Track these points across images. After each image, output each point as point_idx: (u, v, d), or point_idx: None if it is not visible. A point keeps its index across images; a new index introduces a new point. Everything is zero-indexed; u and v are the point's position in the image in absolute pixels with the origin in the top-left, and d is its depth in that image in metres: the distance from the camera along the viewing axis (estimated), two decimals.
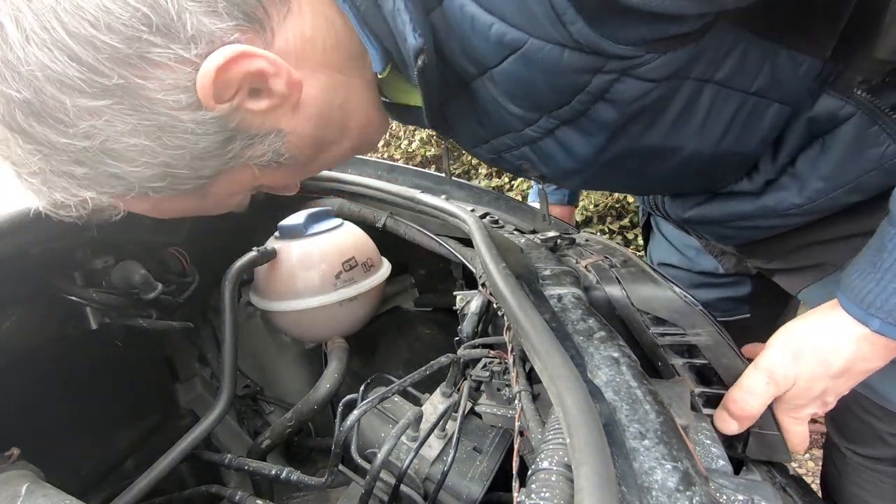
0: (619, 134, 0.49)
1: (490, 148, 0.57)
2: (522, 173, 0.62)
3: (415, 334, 1.06)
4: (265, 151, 0.45)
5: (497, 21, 0.40)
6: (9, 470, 0.50)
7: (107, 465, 0.80)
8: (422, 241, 0.84)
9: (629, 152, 0.52)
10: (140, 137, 0.39)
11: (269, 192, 0.57)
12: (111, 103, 0.37)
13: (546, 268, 0.63)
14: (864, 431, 0.65)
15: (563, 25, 0.38)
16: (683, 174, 0.57)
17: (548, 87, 0.45)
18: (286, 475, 0.65)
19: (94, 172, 0.40)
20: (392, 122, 0.62)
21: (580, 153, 0.52)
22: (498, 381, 0.58)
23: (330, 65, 0.46)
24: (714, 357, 0.54)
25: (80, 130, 0.37)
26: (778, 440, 0.51)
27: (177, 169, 0.42)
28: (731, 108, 0.49)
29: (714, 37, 0.44)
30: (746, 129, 0.51)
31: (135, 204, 0.46)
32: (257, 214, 0.99)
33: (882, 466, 0.65)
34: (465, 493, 0.53)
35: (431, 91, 0.48)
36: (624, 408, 0.38)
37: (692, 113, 0.49)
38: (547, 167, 0.56)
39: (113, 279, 0.67)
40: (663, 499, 0.31)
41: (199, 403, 0.97)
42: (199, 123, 0.40)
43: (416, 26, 0.41)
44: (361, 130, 0.53)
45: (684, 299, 0.56)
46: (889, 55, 0.45)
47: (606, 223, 2.52)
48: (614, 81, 0.43)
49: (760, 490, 0.36)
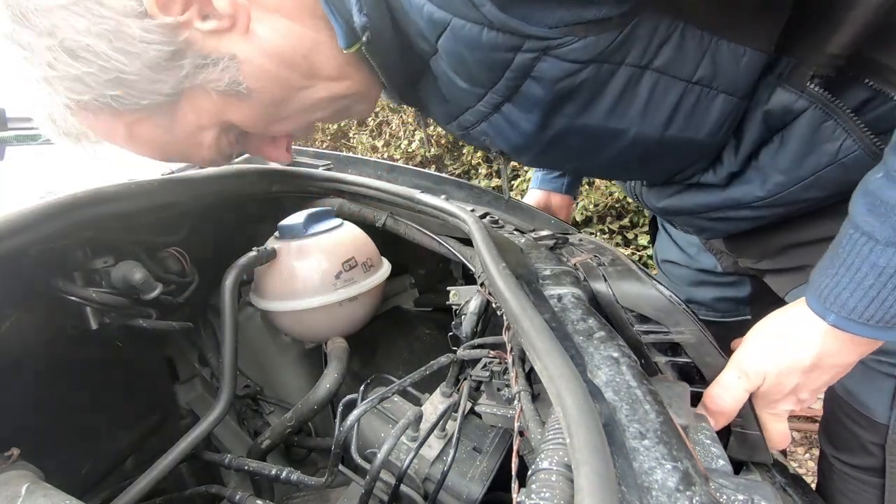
0: (554, 112, 0.51)
1: (458, 124, 0.61)
2: (487, 149, 0.65)
3: (415, 334, 1.06)
4: (221, 77, 0.49)
5: (426, 2, 0.44)
6: (9, 470, 0.50)
7: (107, 465, 0.80)
8: (422, 241, 0.84)
9: (569, 131, 0.54)
10: (93, 38, 0.43)
11: (250, 150, 0.61)
12: (66, 3, 0.42)
13: (546, 268, 0.63)
14: (850, 440, 0.66)
15: (475, 6, 0.42)
16: (631, 158, 0.58)
17: (478, 63, 0.48)
18: (286, 475, 0.65)
19: (60, 74, 0.44)
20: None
21: (524, 129, 0.54)
22: (498, 381, 0.58)
23: (290, 13, 0.49)
24: (697, 355, 0.54)
25: (43, 28, 0.42)
26: (758, 440, 0.51)
27: (130, 76, 0.46)
28: (674, 95, 0.50)
29: (645, 25, 0.45)
30: (693, 117, 0.52)
31: (107, 124, 0.51)
32: (257, 214, 1.00)
33: (866, 476, 0.65)
34: (465, 493, 0.53)
35: (388, 67, 0.53)
36: (624, 408, 0.38)
37: (632, 98, 0.50)
38: (502, 142, 0.60)
39: (113, 279, 0.67)
40: (663, 499, 0.31)
41: (199, 403, 0.97)
42: (147, 31, 0.44)
43: (363, 6, 0.45)
44: (334, 84, 0.55)
45: (669, 298, 0.56)
46: (840, 49, 0.46)
47: (606, 223, 2.52)
48: (536, 60, 0.46)
49: (760, 490, 0.36)
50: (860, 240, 0.43)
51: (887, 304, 0.43)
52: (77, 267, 0.66)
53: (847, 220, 0.45)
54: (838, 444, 0.68)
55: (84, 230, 0.62)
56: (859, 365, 0.59)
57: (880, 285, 0.42)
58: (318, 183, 0.97)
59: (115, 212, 0.63)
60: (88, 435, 0.78)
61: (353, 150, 3.06)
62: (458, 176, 2.69)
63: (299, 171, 0.99)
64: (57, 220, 0.56)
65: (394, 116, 2.76)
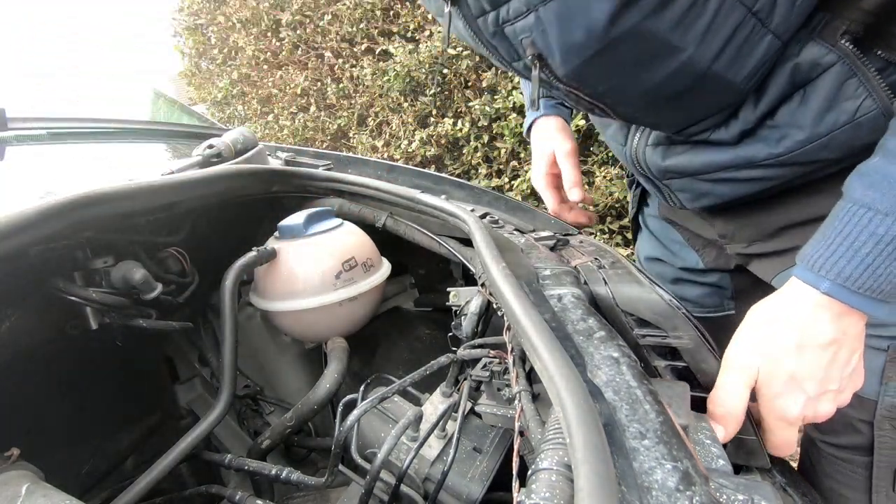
0: (630, 4, 0.48)
1: (496, 18, 0.56)
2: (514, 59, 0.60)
3: (415, 334, 1.06)
4: None
5: None
6: (9, 470, 0.50)
7: (107, 465, 0.80)
8: (421, 241, 0.84)
9: (633, 34, 0.51)
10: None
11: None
12: None
13: (546, 268, 0.63)
14: (837, 419, 0.64)
15: None
16: (669, 90, 0.57)
17: None
18: (286, 475, 0.65)
19: None
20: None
21: (592, 18, 0.50)
22: (498, 381, 0.58)
23: None
24: (693, 361, 0.54)
25: None
26: (755, 445, 0.51)
27: None
28: (733, 21, 0.50)
29: None
30: (740, 54, 0.53)
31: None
32: (257, 214, 1.00)
33: (855, 456, 0.64)
34: (465, 493, 0.53)
35: None
36: (624, 408, 0.38)
37: (701, 12, 0.50)
38: (551, 40, 0.54)
39: (113, 279, 0.67)
40: (663, 499, 0.31)
41: (199, 403, 0.97)
42: None
43: None
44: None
45: (668, 303, 0.56)
46: (873, 6, 0.48)
47: (606, 223, 2.52)
48: None
49: (760, 490, 0.36)
50: (859, 211, 0.45)
51: (883, 275, 0.43)
52: (77, 267, 0.66)
53: (842, 200, 0.47)
54: (824, 426, 0.67)
55: (84, 230, 0.62)
56: None
57: (877, 253, 0.43)
58: (317, 183, 0.97)
59: (115, 212, 0.63)
60: (88, 435, 0.78)
61: (353, 150, 3.06)
62: (458, 176, 2.69)
63: (299, 171, 0.99)
64: (57, 220, 0.56)
65: (394, 116, 2.76)
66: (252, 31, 3.45)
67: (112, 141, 1.28)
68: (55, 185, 0.79)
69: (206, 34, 3.97)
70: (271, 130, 3.45)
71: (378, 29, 2.88)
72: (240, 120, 3.83)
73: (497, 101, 2.46)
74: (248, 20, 3.44)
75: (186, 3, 3.98)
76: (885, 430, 0.60)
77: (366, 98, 2.94)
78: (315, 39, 3.15)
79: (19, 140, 1.13)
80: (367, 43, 2.92)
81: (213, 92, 3.94)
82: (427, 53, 2.56)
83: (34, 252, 0.58)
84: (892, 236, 0.43)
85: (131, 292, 0.68)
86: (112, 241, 0.68)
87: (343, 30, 2.95)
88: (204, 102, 4.08)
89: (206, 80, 4.12)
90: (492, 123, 2.52)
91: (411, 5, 2.76)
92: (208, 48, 3.97)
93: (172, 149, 1.32)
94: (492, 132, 2.56)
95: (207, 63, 4.12)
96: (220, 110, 3.99)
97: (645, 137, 0.71)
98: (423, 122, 2.72)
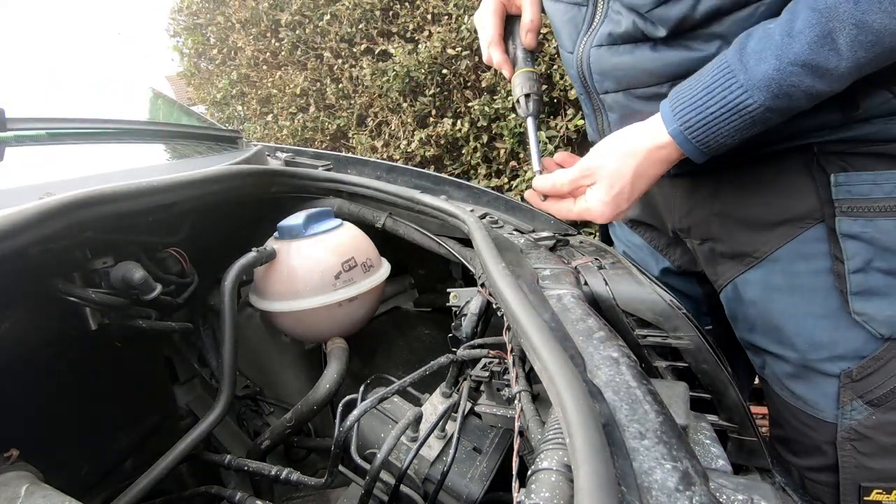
0: None
1: None
2: None
3: (414, 334, 1.06)
4: None
5: None
6: (8, 471, 0.50)
7: (107, 465, 0.80)
8: (421, 242, 0.84)
9: None
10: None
11: None
12: None
13: (546, 268, 0.63)
14: (805, 443, 0.69)
15: None
16: None
17: None
18: (286, 476, 0.65)
19: None
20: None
21: None
22: (498, 382, 0.58)
23: None
24: (694, 362, 0.54)
25: None
26: (756, 445, 0.51)
27: None
28: None
29: None
30: None
31: None
32: (257, 214, 1.00)
33: (823, 476, 0.68)
34: (465, 493, 0.53)
35: None
36: (624, 408, 0.39)
37: None
38: None
39: (112, 279, 0.67)
40: (663, 499, 0.31)
41: (198, 404, 0.97)
42: None
43: None
44: None
45: (669, 303, 0.56)
46: None
47: None
48: None
49: (760, 490, 0.36)
50: (728, 74, 0.52)
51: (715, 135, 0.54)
52: (77, 267, 0.66)
53: (725, 53, 0.53)
54: (795, 449, 0.71)
55: (84, 230, 0.61)
56: (803, 370, 0.64)
57: (720, 115, 0.52)
58: (317, 183, 0.97)
59: (115, 212, 0.63)
60: (88, 435, 0.78)
61: (353, 150, 3.06)
62: (457, 176, 2.69)
63: (299, 171, 0.99)
64: (57, 221, 0.55)
65: (393, 117, 2.76)
66: (251, 32, 3.45)
67: (112, 141, 1.28)
68: (55, 186, 0.79)
69: (206, 34, 3.97)
70: (270, 131, 3.45)
71: (377, 29, 2.87)
72: (239, 120, 3.83)
73: (496, 102, 2.46)
74: (247, 20, 3.43)
75: (186, 3, 3.97)
76: (847, 451, 0.64)
77: (365, 98, 2.93)
78: (314, 40, 3.15)
79: (19, 140, 1.13)
80: (367, 43, 2.92)
81: (212, 92, 3.94)
82: (426, 54, 2.56)
83: (34, 252, 0.57)
84: (737, 107, 0.51)
85: (131, 293, 0.68)
86: (112, 241, 0.68)
87: (342, 30, 2.95)
88: (203, 103, 4.08)
89: (205, 81, 4.12)
90: (491, 124, 2.52)
91: (410, 5, 2.75)
92: (207, 48, 3.97)
93: (172, 149, 1.32)
94: (491, 132, 2.56)
95: (207, 63, 4.12)
96: (220, 110, 3.98)
97: (591, 38, 0.71)
98: (423, 123, 2.72)
